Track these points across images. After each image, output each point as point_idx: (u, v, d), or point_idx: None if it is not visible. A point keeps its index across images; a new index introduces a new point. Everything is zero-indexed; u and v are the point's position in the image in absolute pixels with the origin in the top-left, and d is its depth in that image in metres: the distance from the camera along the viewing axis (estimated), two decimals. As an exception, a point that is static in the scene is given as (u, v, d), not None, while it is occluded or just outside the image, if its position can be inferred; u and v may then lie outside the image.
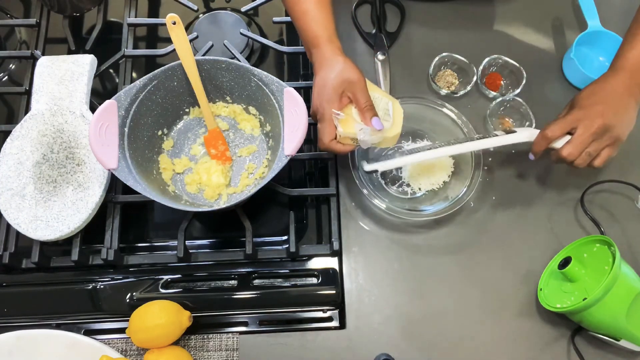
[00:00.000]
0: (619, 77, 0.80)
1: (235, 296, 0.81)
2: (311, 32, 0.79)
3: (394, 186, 0.90)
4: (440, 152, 0.82)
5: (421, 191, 0.89)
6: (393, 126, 0.79)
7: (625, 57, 0.81)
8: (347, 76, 0.76)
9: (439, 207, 0.84)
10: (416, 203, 0.88)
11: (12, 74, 1.00)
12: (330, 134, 0.77)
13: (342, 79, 0.76)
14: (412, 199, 0.89)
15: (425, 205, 0.87)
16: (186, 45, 0.81)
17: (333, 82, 0.76)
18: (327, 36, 0.78)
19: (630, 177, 0.88)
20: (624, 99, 0.79)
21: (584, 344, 0.81)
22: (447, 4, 1.02)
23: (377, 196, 0.84)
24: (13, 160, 0.82)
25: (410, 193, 0.89)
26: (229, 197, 0.84)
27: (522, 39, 1.01)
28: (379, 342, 0.80)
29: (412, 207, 0.86)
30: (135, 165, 0.79)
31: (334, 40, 0.79)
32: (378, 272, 0.84)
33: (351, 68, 0.76)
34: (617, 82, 0.80)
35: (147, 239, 0.88)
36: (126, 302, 0.80)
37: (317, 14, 0.79)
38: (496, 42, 0.99)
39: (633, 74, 0.80)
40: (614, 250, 0.76)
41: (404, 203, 0.88)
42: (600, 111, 0.77)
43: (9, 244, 0.82)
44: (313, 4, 0.79)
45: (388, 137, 0.79)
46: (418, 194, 0.89)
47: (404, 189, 0.89)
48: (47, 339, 0.76)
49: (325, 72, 0.77)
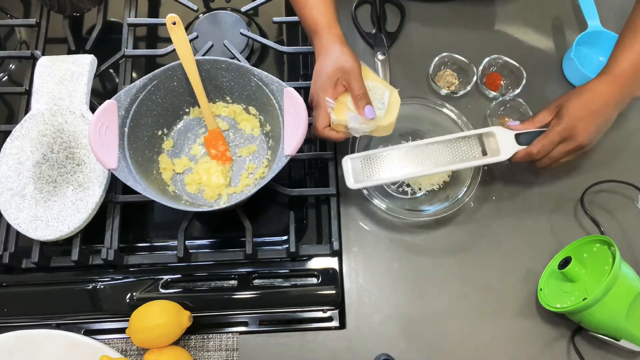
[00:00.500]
0: (610, 87, 0.79)
1: (235, 296, 0.81)
2: (311, 20, 0.80)
3: (394, 186, 0.90)
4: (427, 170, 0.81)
5: (421, 191, 0.89)
6: (387, 115, 0.79)
7: (618, 65, 0.80)
8: (342, 64, 0.77)
9: (439, 207, 0.85)
10: (416, 203, 0.88)
11: (12, 74, 1.00)
12: (324, 121, 0.78)
13: (337, 66, 0.77)
14: (412, 199, 0.89)
15: (425, 205, 0.87)
16: (186, 46, 0.81)
17: (328, 70, 0.77)
18: (326, 23, 0.79)
19: (631, 177, 0.88)
20: (612, 113, 0.80)
21: (584, 344, 0.81)
22: (447, 4, 1.02)
23: (377, 196, 0.84)
24: (13, 160, 0.82)
25: (410, 193, 0.89)
26: (229, 197, 0.84)
27: (522, 39, 1.01)
28: (379, 342, 0.80)
29: (412, 207, 0.86)
30: (135, 165, 0.79)
31: (334, 27, 0.80)
32: (378, 272, 0.84)
33: (347, 56, 0.77)
34: (609, 93, 0.79)
35: (147, 239, 0.88)
36: (126, 302, 0.80)
37: (317, 1, 0.80)
38: (496, 42, 0.99)
39: (624, 85, 0.79)
40: (614, 250, 0.76)
41: (404, 203, 0.88)
42: (585, 128, 0.78)
43: (9, 244, 0.82)
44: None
45: (381, 126, 0.79)
46: (418, 194, 0.89)
47: (404, 189, 0.89)
48: (47, 339, 0.76)
49: (323, 60, 0.78)
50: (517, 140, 0.81)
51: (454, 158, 0.82)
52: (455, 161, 0.82)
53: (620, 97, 0.80)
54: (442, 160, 0.82)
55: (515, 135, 0.82)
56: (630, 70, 0.79)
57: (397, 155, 0.82)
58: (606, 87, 0.80)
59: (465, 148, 0.82)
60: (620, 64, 0.80)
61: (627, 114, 0.95)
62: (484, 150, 0.82)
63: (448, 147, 0.82)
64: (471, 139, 0.83)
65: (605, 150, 0.91)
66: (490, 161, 0.81)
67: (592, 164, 0.88)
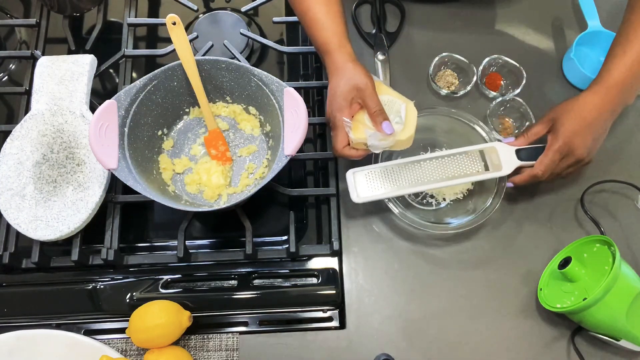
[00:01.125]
0: (603, 98, 0.79)
1: (235, 296, 0.81)
2: (322, 40, 0.80)
3: (418, 198, 0.89)
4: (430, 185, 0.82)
5: (445, 202, 0.88)
6: (405, 128, 0.78)
7: (611, 76, 0.80)
8: (355, 83, 0.77)
9: (464, 220, 0.84)
10: (440, 215, 0.87)
11: (12, 74, 1.00)
12: (343, 141, 0.78)
13: (351, 86, 0.77)
14: (436, 210, 0.88)
15: (449, 217, 0.86)
16: (186, 46, 0.81)
17: (342, 90, 0.77)
18: (336, 42, 0.79)
19: (631, 177, 0.88)
20: (607, 124, 0.81)
21: (584, 344, 0.81)
22: (447, 5, 1.02)
23: (395, 202, 0.83)
24: (13, 160, 0.82)
25: (435, 204, 0.88)
26: (229, 197, 0.84)
27: (522, 39, 1.01)
28: (379, 342, 0.80)
29: (437, 219, 0.86)
30: (135, 165, 0.79)
31: (344, 45, 0.79)
32: (378, 272, 0.84)
33: (360, 74, 0.77)
34: (602, 105, 0.79)
35: (147, 239, 0.88)
36: (126, 302, 0.80)
37: (326, 20, 0.79)
38: (496, 42, 0.99)
39: (616, 95, 0.79)
40: (614, 250, 0.76)
41: (427, 215, 0.87)
42: (582, 142, 0.79)
43: (9, 244, 0.82)
44: (322, 12, 0.79)
45: (401, 140, 0.78)
46: (442, 205, 0.88)
47: (428, 201, 0.88)
48: (47, 339, 0.76)
49: (336, 80, 0.78)
50: (517, 155, 0.83)
51: (458, 172, 0.82)
52: (459, 175, 0.82)
53: (613, 107, 0.80)
54: (446, 174, 0.82)
55: (515, 150, 0.83)
56: (621, 80, 0.79)
57: (400, 169, 0.82)
58: (599, 99, 0.80)
59: (468, 162, 0.83)
60: (612, 74, 0.80)
61: (628, 114, 0.95)
62: (486, 165, 0.83)
63: (451, 161, 0.83)
64: (474, 153, 0.83)
65: (605, 150, 0.91)
66: (492, 176, 0.82)
67: (593, 164, 0.87)
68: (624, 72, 0.79)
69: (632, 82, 0.80)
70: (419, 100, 0.94)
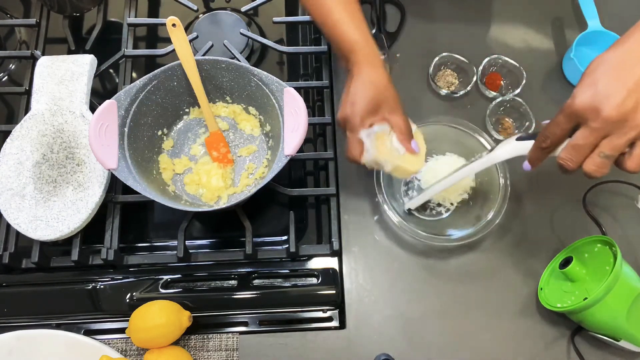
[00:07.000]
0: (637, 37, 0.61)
1: (235, 296, 0.81)
2: (347, 38, 0.77)
3: (426, 211, 0.88)
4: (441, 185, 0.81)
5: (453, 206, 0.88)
6: (419, 157, 0.77)
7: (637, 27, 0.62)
8: (383, 94, 0.75)
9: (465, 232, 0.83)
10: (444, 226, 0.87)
11: (12, 74, 1.00)
12: (360, 147, 0.75)
13: (379, 96, 0.74)
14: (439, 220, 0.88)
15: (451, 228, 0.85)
16: (186, 47, 0.81)
17: (368, 96, 0.74)
18: (364, 41, 0.77)
19: (632, 177, 0.88)
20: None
21: (584, 344, 0.81)
22: (447, 4, 1.02)
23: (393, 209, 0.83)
24: (13, 160, 0.82)
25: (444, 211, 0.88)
26: (229, 198, 0.84)
27: (522, 39, 1.01)
28: (379, 342, 0.80)
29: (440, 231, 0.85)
30: (135, 165, 0.79)
31: (371, 44, 0.77)
32: (378, 272, 0.84)
33: (388, 85, 0.75)
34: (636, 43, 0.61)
35: (147, 239, 0.88)
36: (126, 302, 0.80)
37: (347, 18, 0.78)
38: (496, 42, 0.99)
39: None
40: (615, 250, 0.76)
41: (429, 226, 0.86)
42: (609, 92, 0.58)
43: (9, 244, 0.82)
44: (346, 11, 0.78)
45: (410, 170, 0.77)
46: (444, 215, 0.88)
47: (438, 210, 0.88)
48: (47, 339, 0.76)
49: (361, 82, 0.74)
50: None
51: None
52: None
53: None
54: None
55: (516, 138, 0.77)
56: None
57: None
58: (628, 41, 0.62)
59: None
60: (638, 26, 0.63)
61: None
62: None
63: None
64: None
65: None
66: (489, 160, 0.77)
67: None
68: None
69: None
70: (419, 100, 0.95)
